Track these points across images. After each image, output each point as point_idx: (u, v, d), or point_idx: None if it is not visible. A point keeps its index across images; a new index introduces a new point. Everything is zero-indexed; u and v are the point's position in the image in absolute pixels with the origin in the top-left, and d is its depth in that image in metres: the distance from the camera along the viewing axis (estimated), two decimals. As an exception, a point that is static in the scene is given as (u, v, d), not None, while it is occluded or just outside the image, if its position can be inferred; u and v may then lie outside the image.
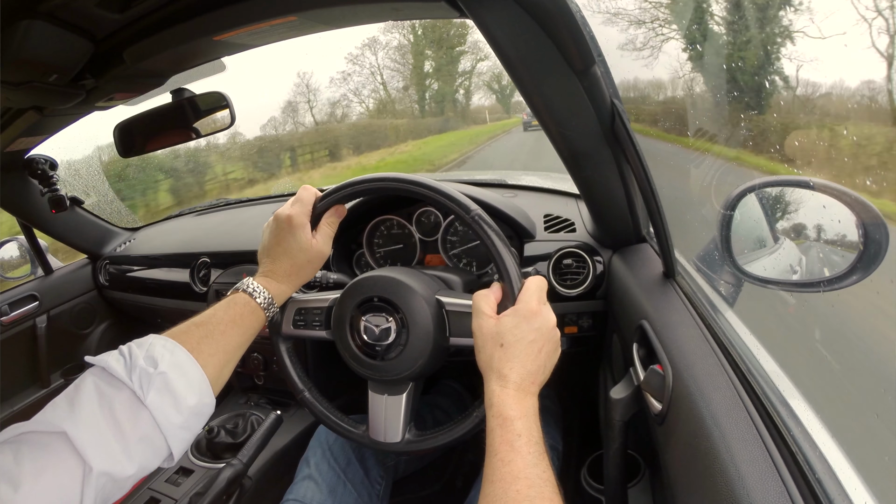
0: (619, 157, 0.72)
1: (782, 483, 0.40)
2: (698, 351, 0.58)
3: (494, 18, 0.50)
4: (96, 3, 0.52)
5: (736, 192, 0.68)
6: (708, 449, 0.45)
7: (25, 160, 1.22)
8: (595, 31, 0.55)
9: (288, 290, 0.68)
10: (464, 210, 0.64)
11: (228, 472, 0.80)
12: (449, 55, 28.44)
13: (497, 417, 0.51)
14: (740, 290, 0.77)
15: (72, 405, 0.46)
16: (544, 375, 0.56)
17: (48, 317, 1.50)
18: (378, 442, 0.73)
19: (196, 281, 1.34)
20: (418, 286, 0.70)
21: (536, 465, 0.47)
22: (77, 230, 1.55)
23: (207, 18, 0.57)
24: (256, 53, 0.71)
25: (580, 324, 0.99)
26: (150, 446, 0.49)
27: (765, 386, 0.51)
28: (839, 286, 0.59)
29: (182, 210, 1.85)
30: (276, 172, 16.08)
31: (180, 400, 0.51)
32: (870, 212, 0.55)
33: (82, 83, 0.68)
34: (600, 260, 0.96)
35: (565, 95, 0.61)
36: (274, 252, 0.67)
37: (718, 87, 1.10)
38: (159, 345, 0.53)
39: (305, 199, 0.69)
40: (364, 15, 0.58)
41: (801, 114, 0.97)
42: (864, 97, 0.68)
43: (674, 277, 0.75)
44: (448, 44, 27.86)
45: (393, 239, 1.13)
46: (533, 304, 0.57)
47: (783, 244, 0.74)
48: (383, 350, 0.70)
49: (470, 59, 28.71)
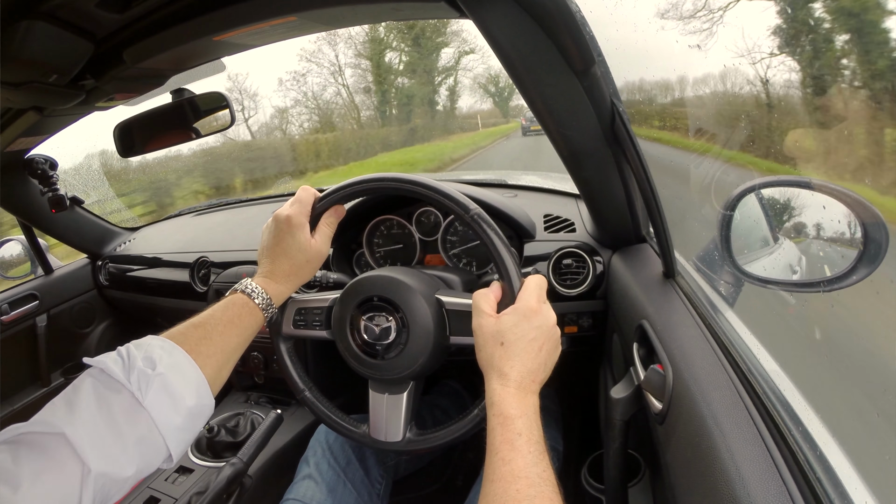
0: (619, 157, 0.72)
1: (782, 482, 0.40)
2: (699, 350, 0.58)
3: (494, 18, 0.50)
4: (96, 3, 0.52)
5: (736, 192, 0.68)
6: (708, 448, 0.45)
7: (25, 160, 1.22)
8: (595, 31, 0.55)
9: (287, 291, 0.68)
10: (463, 209, 0.64)
11: (228, 471, 0.80)
12: (426, 46, 22.41)
13: (498, 416, 0.51)
14: (740, 290, 0.77)
15: (70, 406, 0.46)
16: (545, 373, 0.56)
17: (48, 316, 1.50)
18: (379, 441, 0.73)
19: (196, 280, 1.34)
20: (418, 285, 0.70)
21: (537, 464, 0.47)
22: (77, 230, 1.55)
23: (207, 18, 0.57)
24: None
25: (580, 323, 0.99)
26: (148, 447, 0.49)
27: (765, 385, 0.51)
28: (839, 286, 0.59)
29: (182, 210, 1.86)
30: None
31: (179, 401, 0.51)
32: (870, 212, 0.55)
33: (82, 83, 0.68)
34: (600, 260, 0.96)
35: (565, 95, 0.61)
36: (273, 253, 0.67)
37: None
38: (157, 346, 0.53)
39: (304, 200, 0.69)
40: (364, 15, 0.58)
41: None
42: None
43: (674, 277, 0.75)
44: (421, 33, 21.66)
45: (393, 239, 1.13)
46: (533, 302, 0.57)
47: (783, 244, 0.74)
48: (384, 349, 0.70)
49: (453, 52, 23.21)
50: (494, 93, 25.73)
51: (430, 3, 0.52)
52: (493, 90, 25.59)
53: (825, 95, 0.80)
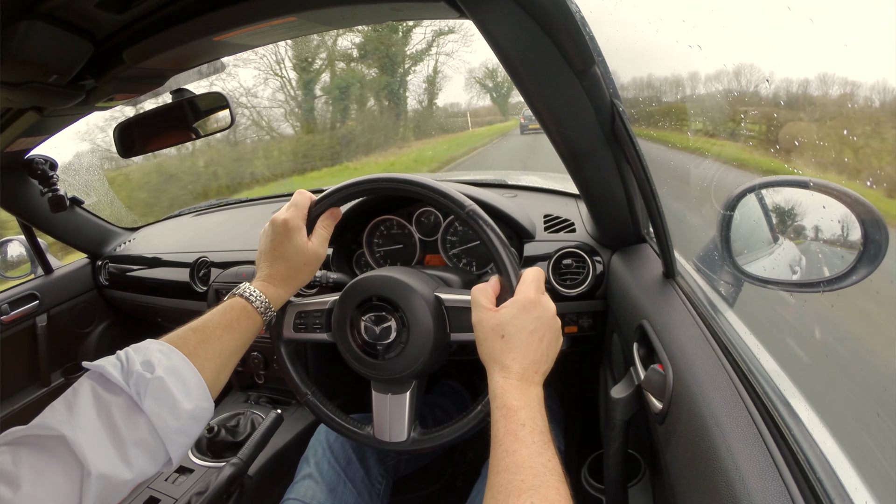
0: (619, 157, 0.72)
1: (783, 482, 0.40)
2: (699, 350, 0.58)
3: (494, 19, 0.50)
4: (96, 3, 0.52)
5: (736, 192, 0.68)
6: (708, 448, 0.45)
7: (25, 160, 1.22)
8: (595, 31, 0.55)
9: (285, 294, 0.69)
10: (458, 206, 0.64)
11: (229, 471, 0.80)
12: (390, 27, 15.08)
13: (501, 408, 0.51)
14: (740, 290, 0.77)
15: (70, 409, 0.46)
16: (547, 364, 0.57)
17: (48, 316, 1.50)
18: (384, 442, 0.73)
19: (196, 280, 1.34)
20: (417, 284, 0.70)
21: (541, 454, 0.47)
22: (77, 230, 1.55)
23: (207, 18, 0.57)
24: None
25: (580, 324, 0.99)
26: (148, 451, 0.49)
27: (765, 385, 0.51)
28: (839, 286, 0.59)
29: (182, 210, 1.86)
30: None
31: (177, 405, 0.51)
32: (870, 212, 0.55)
33: (82, 83, 0.68)
34: (600, 260, 0.96)
35: (565, 95, 0.61)
36: (271, 256, 0.67)
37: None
38: (156, 350, 0.53)
39: (300, 203, 0.69)
40: (363, 15, 0.58)
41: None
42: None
43: (674, 277, 0.76)
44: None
45: (393, 239, 1.13)
46: (531, 293, 0.57)
47: (783, 244, 0.74)
48: (384, 349, 0.70)
49: (424, 35, 16.56)
50: (492, 88, 21.43)
51: (430, 3, 0.52)
52: (491, 85, 21.22)
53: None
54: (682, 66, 1.03)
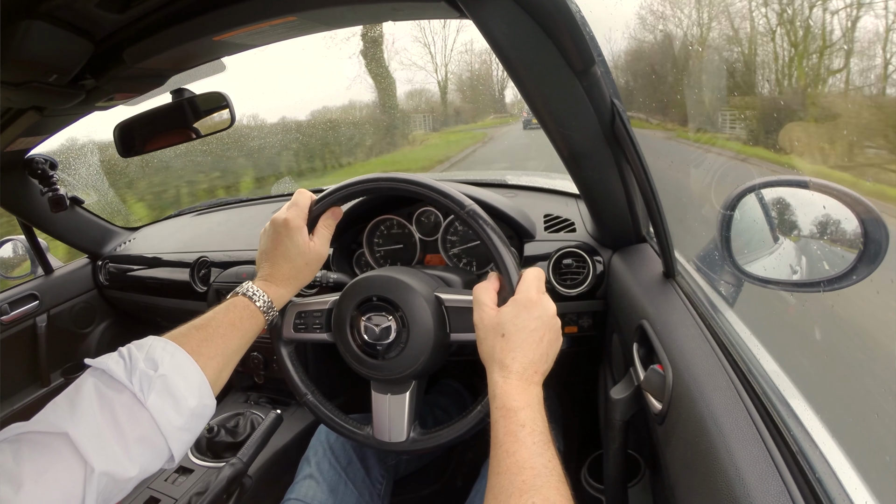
0: (619, 157, 0.72)
1: (782, 483, 0.40)
2: (699, 351, 0.58)
3: (494, 18, 0.50)
4: (96, 3, 0.52)
5: (736, 192, 0.68)
6: (708, 448, 0.45)
7: (25, 160, 1.22)
8: (595, 31, 0.55)
9: (287, 294, 0.69)
10: (458, 206, 0.64)
11: (229, 472, 0.80)
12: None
13: (500, 409, 0.51)
14: (740, 290, 0.77)
15: (72, 406, 0.46)
16: (547, 364, 0.56)
17: (48, 316, 1.50)
18: (384, 442, 0.73)
19: (196, 280, 1.34)
20: (417, 284, 0.70)
21: (542, 455, 0.47)
22: (77, 230, 1.55)
23: (207, 18, 0.57)
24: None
25: (580, 324, 0.99)
26: (150, 448, 0.49)
27: (765, 386, 0.51)
28: (839, 286, 0.59)
29: (182, 210, 1.86)
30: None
31: (181, 402, 0.51)
32: (870, 211, 0.55)
33: (82, 83, 0.68)
34: (600, 260, 0.96)
35: (565, 95, 0.61)
36: (272, 256, 0.67)
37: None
38: (160, 347, 0.53)
39: (301, 203, 0.69)
40: (363, 15, 0.58)
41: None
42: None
43: (674, 277, 0.75)
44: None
45: (393, 239, 1.13)
46: (532, 293, 0.57)
47: (783, 244, 0.74)
48: (384, 349, 0.70)
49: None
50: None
51: (430, 3, 0.52)
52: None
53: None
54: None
